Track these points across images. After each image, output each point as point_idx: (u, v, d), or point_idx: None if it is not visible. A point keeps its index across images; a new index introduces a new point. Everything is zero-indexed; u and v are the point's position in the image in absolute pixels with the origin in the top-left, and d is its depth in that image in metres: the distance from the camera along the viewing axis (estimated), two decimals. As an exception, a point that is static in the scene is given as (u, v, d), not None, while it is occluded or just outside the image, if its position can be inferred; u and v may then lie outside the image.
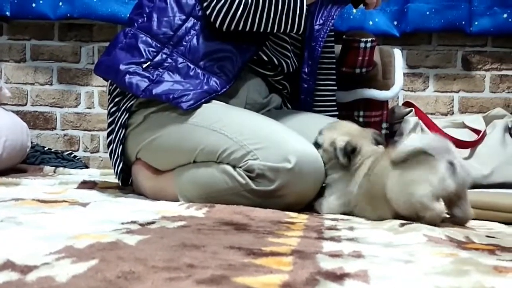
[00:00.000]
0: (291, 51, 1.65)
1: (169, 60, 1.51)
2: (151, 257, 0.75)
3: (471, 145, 2.29)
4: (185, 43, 1.53)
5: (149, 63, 1.51)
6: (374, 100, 1.92)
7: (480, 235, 1.08)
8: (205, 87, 1.49)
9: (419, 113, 2.34)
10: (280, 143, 1.38)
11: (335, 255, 0.82)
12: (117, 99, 1.57)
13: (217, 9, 1.48)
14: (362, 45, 1.82)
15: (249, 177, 1.37)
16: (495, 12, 2.52)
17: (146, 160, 1.56)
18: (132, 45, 1.53)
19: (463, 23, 2.52)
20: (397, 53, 2.21)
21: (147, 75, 1.49)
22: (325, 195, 1.39)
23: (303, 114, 1.63)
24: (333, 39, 1.72)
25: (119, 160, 1.57)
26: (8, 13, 2.58)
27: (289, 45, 1.64)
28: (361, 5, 1.66)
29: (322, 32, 1.62)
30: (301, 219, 1.22)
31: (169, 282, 0.63)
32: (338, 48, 1.83)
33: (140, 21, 1.57)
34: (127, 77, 1.49)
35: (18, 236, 0.89)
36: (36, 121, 2.68)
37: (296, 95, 1.69)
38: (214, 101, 1.50)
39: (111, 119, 1.58)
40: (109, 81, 1.62)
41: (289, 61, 1.64)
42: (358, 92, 1.89)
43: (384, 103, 2.15)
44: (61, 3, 2.55)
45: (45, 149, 2.50)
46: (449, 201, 1.23)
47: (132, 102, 1.53)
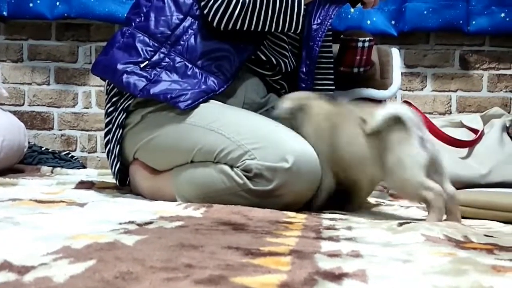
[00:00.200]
0: (289, 50, 1.65)
1: (167, 59, 1.51)
2: (149, 257, 0.74)
3: (469, 145, 2.29)
4: (182, 43, 1.52)
5: (147, 62, 1.51)
6: (372, 99, 1.92)
7: (478, 235, 1.08)
8: (203, 87, 1.49)
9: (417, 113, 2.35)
10: (277, 142, 1.38)
11: (333, 255, 0.82)
12: (114, 99, 1.57)
13: (214, 8, 1.48)
14: (360, 44, 1.81)
15: (247, 177, 1.37)
16: (492, 11, 2.52)
17: (143, 160, 1.55)
18: (129, 45, 1.53)
19: (461, 22, 2.52)
20: (395, 52, 2.21)
21: (145, 74, 1.49)
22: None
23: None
24: (331, 38, 1.72)
25: (116, 160, 1.57)
26: (5, 13, 2.57)
27: (287, 44, 1.64)
28: (359, 5, 1.66)
29: (320, 31, 1.62)
30: (299, 218, 1.22)
31: (167, 282, 0.63)
32: (336, 47, 1.83)
33: (137, 20, 1.57)
34: (125, 76, 1.49)
35: (15, 236, 0.89)
36: (33, 121, 2.67)
37: (294, 95, 1.69)
38: (211, 101, 1.49)
39: (108, 119, 1.58)
40: (107, 80, 1.61)
41: (287, 60, 1.64)
42: (356, 91, 1.89)
43: (382, 103, 2.15)
44: (58, 3, 2.54)
45: (43, 149, 2.49)
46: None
47: (129, 101, 1.53)
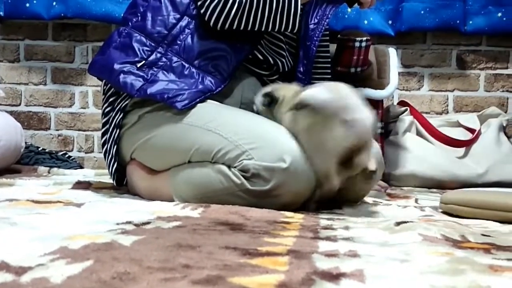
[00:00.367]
0: (286, 50, 1.65)
1: (164, 59, 1.51)
2: (146, 258, 0.74)
3: (466, 144, 2.29)
4: (179, 42, 1.52)
5: (144, 62, 1.50)
6: (369, 99, 1.93)
7: (475, 234, 1.08)
8: (200, 87, 1.48)
9: (414, 112, 2.35)
10: (275, 142, 1.37)
11: (331, 255, 0.82)
12: (111, 99, 1.57)
13: (211, 7, 1.48)
14: (357, 44, 1.82)
15: (244, 177, 1.37)
16: (489, 11, 2.52)
17: (141, 160, 1.55)
18: (126, 44, 1.53)
19: (458, 22, 2.52)
20: (392, 52, 2.22)
21: (142, 74, 1.49)
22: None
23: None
24: (328, 38, 1.72)
25: (113, 160, 1.57)
26: (1, 13, 2.57)
27: (284, 44, 1.64)
28: (356, 4, 1.66)
29: (317, 31, 1.62)
30: (297, 218, 1.22)
31: (164, 282, 0.63)
32: (333, 47, 1.83)
33: (134, 20, 1.57)
34: (122, 76, 1.48)
35: (12, 237, 0.89)
36: (30, 121, 2.67)
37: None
38: (209, 101, 1.49)
39: (105, 119, 1.58)
40: (104, 80, 1.61)
41: (284, 60, 1.64)
42: (353, 91, 1.89)
43: (379, 102, 2.16)
44: (54, 3, 2.54)
45: (39, 149, 2.49)
46: (347, 157, 1.29)
47: (126, 101, 1.53)
